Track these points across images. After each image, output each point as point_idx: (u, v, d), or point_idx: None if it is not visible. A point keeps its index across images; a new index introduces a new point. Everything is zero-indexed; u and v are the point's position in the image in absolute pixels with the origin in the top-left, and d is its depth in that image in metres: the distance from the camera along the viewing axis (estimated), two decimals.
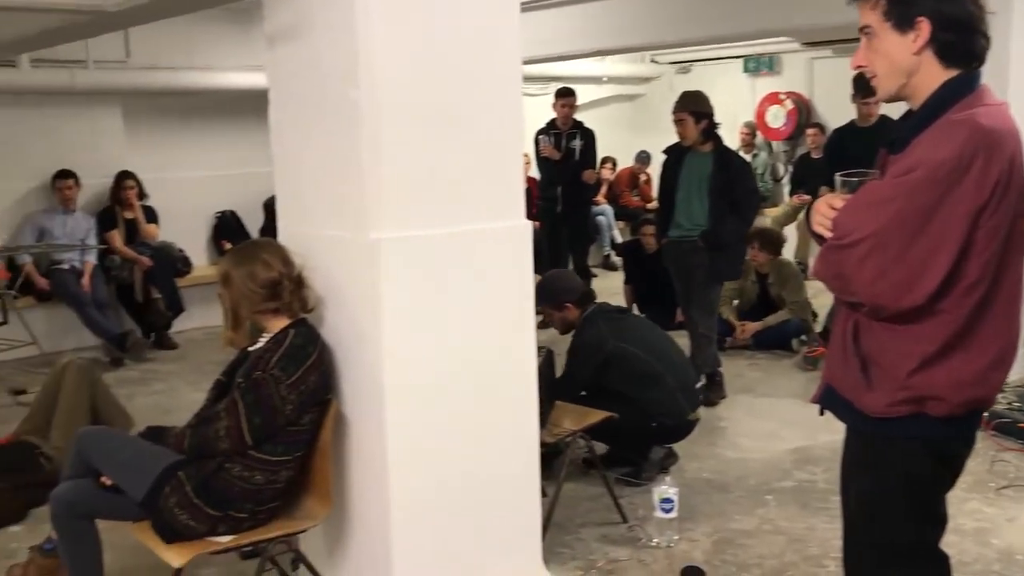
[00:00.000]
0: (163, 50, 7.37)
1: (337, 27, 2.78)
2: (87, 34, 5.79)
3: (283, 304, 2.89)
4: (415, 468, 2.92)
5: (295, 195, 3.16)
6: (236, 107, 8.04)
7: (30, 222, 6.89)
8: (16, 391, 5.78)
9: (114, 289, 7.07)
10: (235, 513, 2.79)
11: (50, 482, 4.02)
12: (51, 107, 7.07)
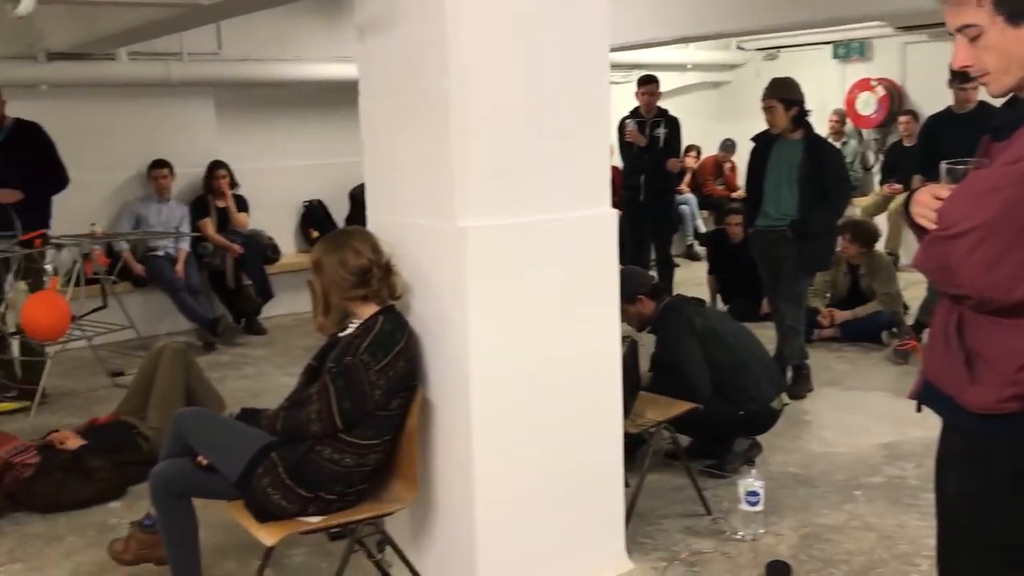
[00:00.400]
0: (254, 42, 7.54)
1: (428, 17, 2.81)
2: (182, 27, 5.99)
3: (372, 291, 2.93)
4: (500, 455, 2.95)
5: (384, 184, 3.20)
6: (324, 98, 8.19)
7: (127, 210, 7.15)
8: (114, 373, 6.01)
9: (206, 275, 7.29)
10: (325, 495, 2.85)
11: (147, 461, 4.20)
12: (147, 98, 7.30)
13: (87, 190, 6.88)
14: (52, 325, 4.91)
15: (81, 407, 5.47)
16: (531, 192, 2.93)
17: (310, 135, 8.28)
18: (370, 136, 3.24)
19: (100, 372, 6.03)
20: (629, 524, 3.44)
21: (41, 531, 3.83)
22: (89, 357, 6.09)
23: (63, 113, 6.51)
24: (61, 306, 4.95)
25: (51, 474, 4.00)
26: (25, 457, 4.03)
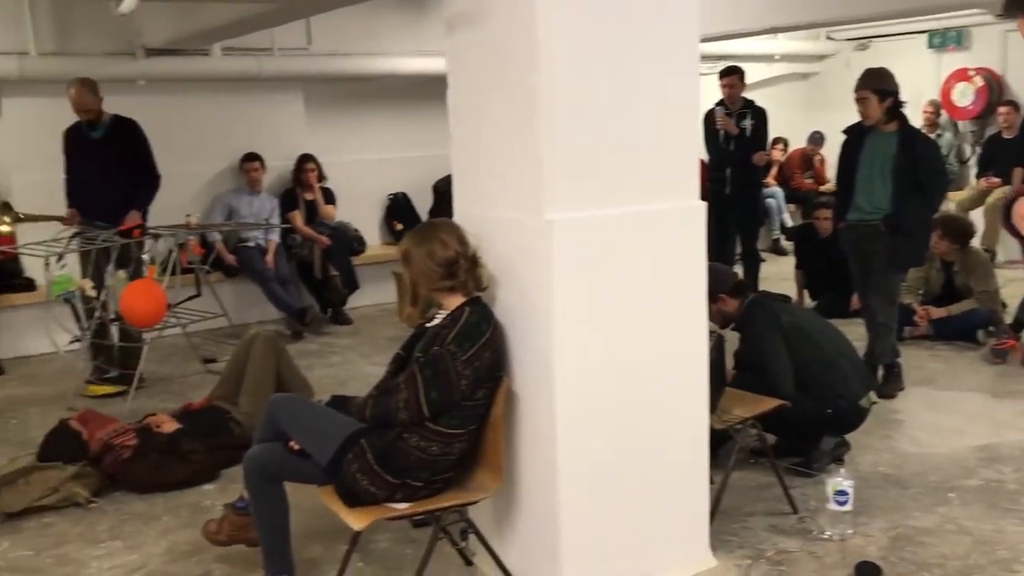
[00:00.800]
0: (342, 37, 7.67)
1: (516, 10, 2.81)
2: (274, 23, 6.13)
3: (458, 282, 2.96)
4: (583, 448, 2.95)
5: (471, 177, 3.22)
6: (409, 92, 8.29)
7: (220, 202, 7.36)
8: (207, 360, 6.20)
9: (295, 266, 7.45)
10: (412, 481, 2.90)
11: (239, 445, 4.33)
12: (239, 93, 7.49)
13: (182, 182, 7.11)
14: (149, 312, 5.09)
15: (175, 392, 5.67)
16: (619, 184, 2.92)
17: (395, 128, 8.40)
18: (458, 129, 3.26)
19: (193, 358, 6.23)
20: (713, 521, 3.41)
21: (139, 511, 3.98)
22: (183, 344, 6.30)
23: (159, 108, 6.74)
24: (158, 294, 5.13)
25: (148, 456, 4.16)
26: (124, 439, 4.19)
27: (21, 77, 6.49)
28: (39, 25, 6.60)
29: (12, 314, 6.44)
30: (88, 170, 5.65)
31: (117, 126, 5.70)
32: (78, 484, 4.01)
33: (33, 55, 6.55)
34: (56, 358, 6.04)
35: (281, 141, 7.62)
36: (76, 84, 5.54)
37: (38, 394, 5.74)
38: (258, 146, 7.41)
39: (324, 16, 6.53)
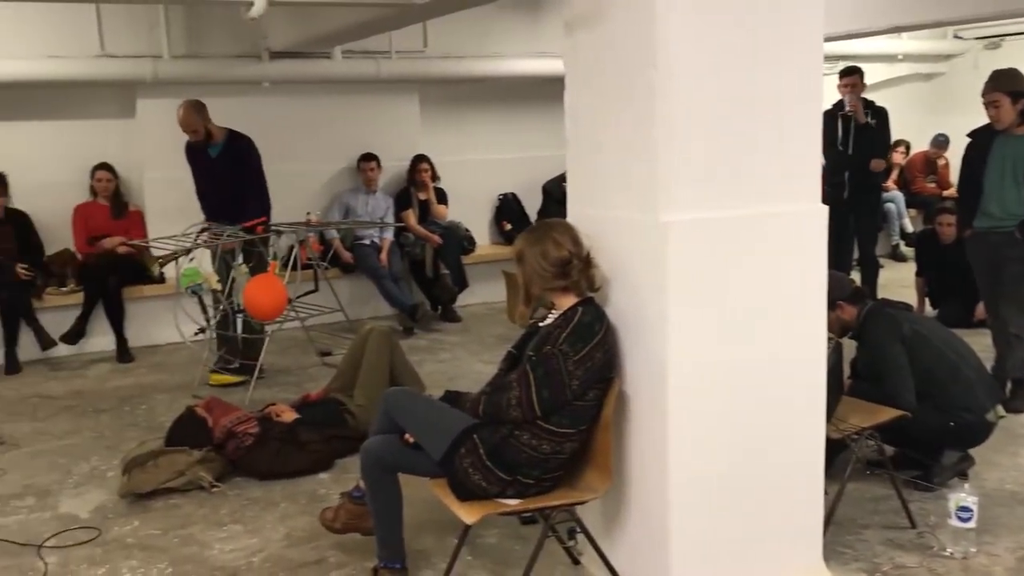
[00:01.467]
0: (457, 40, 7.80)
1: (636, 9, 2.81)
2: (393, 26, 6.27)
3: (571, 283, 2.98)
4: (695, 452, 2.92)
5: (587, 177, 3.23)
6: (521, 93, 8.38)
7: (337, 201, 7.58)
8: (323, 353, 6.40)
9: (407, 264, 7.60)
10: (523, 478, 2.93)
11: (353, 436, 4.47)
12: (358, 95, 7.70)
13: (302, 181, 7.38)
14: (271, 306, 5.28)
15: (293, 383, 5.87)
16: (737, 186, 2.89)
17: (506, 129, 8.50)
18: (574, 129, 3.27)
19: (311, 351, 6.44)
20: (827, 531, 3.33)
21: (258, 496, 4.13)
22: (301, 337, 6.52)
23: (282, 108, 6.99)
24: (279, 289, 5.32)
25: (269, 444, 4.32)
26: (246, 427, 4.36)
27: (155, 79, 6.83)
28: (172, 30, 6.93)
29: (141, 305, 6.78)
30: (209, 184, 5.91)
31: (231, 144, 5.88)
32: (203, 468, 4.19)
33: (166, 58, 6.88)
34: (182, 347, 6.33)
35: (397, 142, 7.80)
36: (184, 105, 5.77)
37: (165, 382, 6.03)
38: (375, 146, 7.60)
39: (440, 19, 6.64)
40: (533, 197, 8.39)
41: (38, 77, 6.58)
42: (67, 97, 6.94)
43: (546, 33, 8.07)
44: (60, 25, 6.64)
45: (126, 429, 5.09)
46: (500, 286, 7.07)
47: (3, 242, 6.48)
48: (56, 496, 4.20)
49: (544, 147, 8.40)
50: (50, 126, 6.98)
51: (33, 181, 6.80)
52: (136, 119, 7.04)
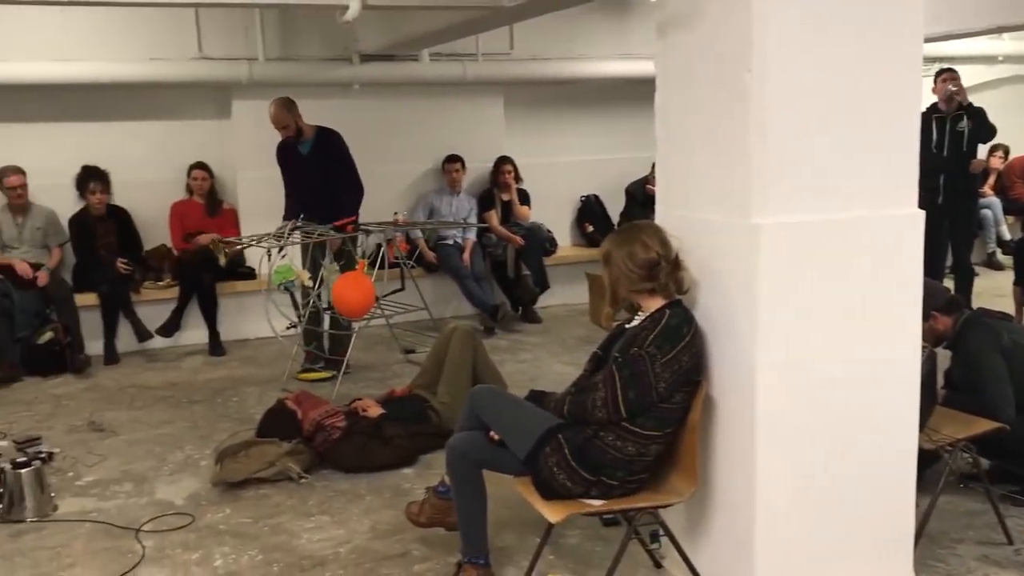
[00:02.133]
0: (543, 42, 7.84)
1: (731, 10, 2.80)
2: (481, 28, 6.33)
3: (659, 285, 2.97)
4: (783, 458, 2.89)
5: (677, 179, 3.22)
6: (605, 95, 8.38)
7: (423, 201, 7.69)
8: (407, 350, 6.50)
9: (489, 264, 7.67)
10: (607, 479, 2.94)
11: (437, 433, 4.53)
12: (444, 97, 7.80)
13: (389, 181, 7.51)
14: (359, 303, 5.39)
15: (378, 379, 5.98)
16: (832, 189, 2.84)
17: (590, 131, 8.51)
18: (664, 131, 3.27)
19: (395, 348, 6.54)
20: (918, 544, 3.24)
21: (345, 489, 4.22)
22: (386, 334, 6.63)
23: (371, 110, 7.12)
24: (367, 287, 5.42)
25: (355, 438, 4.41)
26: (334, 421, 4.46)
27: (250, 81, 7.03)
28: (267, 33, 7.13)
29: (234, 300, 6.99)
30: (300, 182, 6.04)
31: (321, 139, 6.03)
32: (292, 460, 4.30)
33: (261, 61, 7.08)
34: (272, 341, 6.51)
35: (481, 143, 7.88)
36: (275, 102, 5.94)
37: (256, 375, 6.20)
38: (460, 148, 7.69)
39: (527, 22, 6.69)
40: (616, 199, 8.37)
41: (139, 79, 6.85)
42: (166, 98, 7.21)
43: (633, 35, 8.05)
44: (160, 28, 6.89)
45: (218, 420, 5.26)
46: (581, 288, 7.07)
47: (104, 237, 6.77)
48: (152, 482, 4.36)
49: (628, 149, 8.38)
50: (150, 126, 7.25)
51: (133, 179, 7.08)
52: (231, 120, 7.26)
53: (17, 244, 6.61)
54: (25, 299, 6.32)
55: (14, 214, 6.62)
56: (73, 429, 5.14)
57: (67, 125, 6.99)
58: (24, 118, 6.89)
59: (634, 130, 8.28)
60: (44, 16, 6.42)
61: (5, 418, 5.36)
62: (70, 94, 6.89)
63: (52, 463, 4.55)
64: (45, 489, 4.05)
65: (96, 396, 5.80)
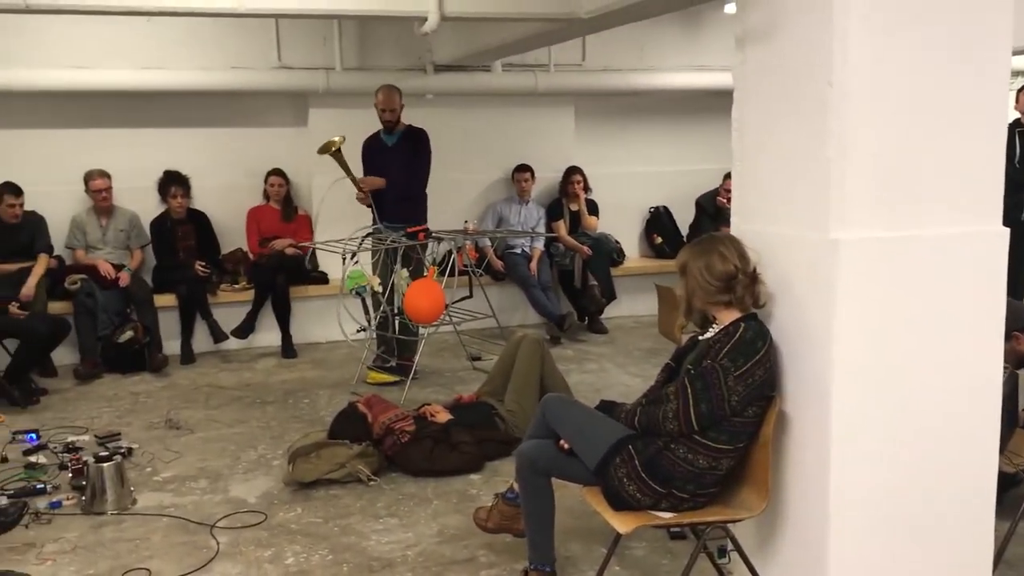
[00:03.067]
0: (615, 53, 7.86)
1: (812, 25, 2.78)
2: (554, 40, 6.38)
3: (735, 298, 2.95)
4: (858, 477, 2.85)
5: (753, 192, 3.20)
6: (676, 106, 8.37)
7: (491, 209, 7.76)
8: (474, 357, 6.56)
9: (556, 274, 7.70)
10: (677, 492, 2.93)
11: (504, 440, 4.57)
12: (515, 107, 7.87)
13: (460, 189, 7.61)
14: (429, 310, 5.46)
15: (444, 384, 6.05)
16: (913, 204, 2.80)
17: (660, 142, 8.50)
18: (741, 143, 3.25)
19: (462, 355, 6.60)
20: (996, 569, 3.17)
21: (412, 492, 4.28)
22: (453, 341, 6.70)
23: (444, 119, 7.21)
24: (438, 293, 5.49)
25: (423, 442, 4.46)
26: (403, 424, 4.52)
27: (327, 90, 7.20)
28: (344, 43, 7.28)
29: (306, 304, 7.14)
30: (379, 173, 6.14)
31: (409, 134, 6.18)
32: (361, 462, 4.38)
33: (338, 70, 7.24)
34: (341, 345, 6.63)
35: (551, 153, 7.92)
36: (384, 87, 6.13)
37: (326, 377, 6.32)
38: (530, 157, 7.74)
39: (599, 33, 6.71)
40: (685, 211, 8.34)
41: (222, 87, 7.06)
42: (246, 106, 7.41)
43: (705, 46, 8.01)
44: (242, 38, 7.10)
45: (290, 421, 5.37)
46: (648, 299, 7.06)
47: (184, 240, 6.98)
48: (227, 480, 4.47)
49: (698, 160, 8.35)
50: (229, 133, 7.46)
51: (212, 184, 7.29)
52: (308, 127, 7.42)
53: (101, 245, 6.85)
54: (107, 299, 6.54)
55: (99, 216, 6.86)
56: (151, 426, 5.30)
57: (151, 131, 7.24)
58: (110, 124, 7.14)
59: (705, 142, 8.25)
60: (131, 26, 6.66)
61: (87, 413, 5.56)
62: (154, 101, 7.13)
63: (131, 458, 4.70)
64: (125, 483, 4.18)
65: (173, 394, 5.98)
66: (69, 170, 6.86)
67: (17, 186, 6.40)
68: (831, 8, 2.69)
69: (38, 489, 4.27)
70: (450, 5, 4.50)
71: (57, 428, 5.19)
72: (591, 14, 4.64)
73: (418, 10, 4.50)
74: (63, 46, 6.70)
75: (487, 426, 4.66)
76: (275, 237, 7.17)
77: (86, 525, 3.96)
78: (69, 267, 6.72)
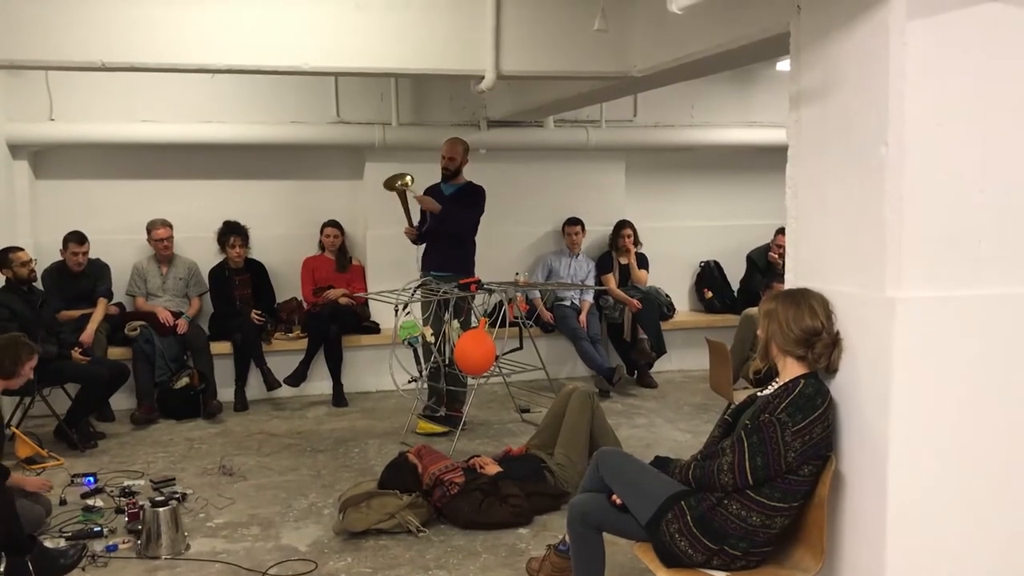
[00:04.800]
0: (666, 109, 7.95)
1: (868, 86, 2.81)
2: (608, 97, 6.47)
3: (813, 355, 2.92)
4: (916, 542, 2.80)
5: (808, 249, 3.21)
6: (727, 162, 8.40)
7: (542, 262, 7.81)
8: (523, 409, 6.56)
9: (606, 327, 7.70)
10: (730, 549, 2.91)
11: (553, 494, 4.55)
12: (567, 161, 7.96)
13: (511, 241, 7.69)
14: (480, 361, 5.49)
15: (493, 436, 6.05)
16: (970, 264, 2.79)
17: (711, 197, 8.52)
18: (795, 201, 3.27)
19: (510, 406, 6.62)
20: None
21: (461, 545, 4.27)
22: (501, 392, 6.72)
23: (497, 173, 7.31)
24: (489, 345, 5.52)
25: (472, 494, 4.46)
26: (453, 476, 4.53)
27: (382, 144, 7.37)
28: (401, 99, 7.46)
29: (357, 353, 7.22)
30: (433, 223, 6.23)
31: (467, 189, 6.28)
32: (411, 513, 4.39)
33: (394, 125, 7.42)
34: (391, 395, 6.69)
35: (601, 207, 7.99)
36: (451, 138, 6.34)
37: (376, 427, 6.37)
38: (580, 211, 7.81)
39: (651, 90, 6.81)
40: (735, 265, 8.32)
41: (281, 140, 7.27)
42: (304, 159, 7.61)
43: (756, 102, 8.06)
44: (302, 94, 7.31)
45: (340, 469, 5.41)
46: (698, 354, 7.03)
47: (241, 289, 7.12)
48: (278, 527, 4.51)
49: (749, 216, 8.35)
50: (287, 185, 7.65)
51: (270, 234, 7.47)
52: (363, 180, 7.58)
53: (160, 293, 7.02)
54: (165, 345, 6.68)
55: (159, 264, 7.05)
56: (204, 471, 5.38)
57: (212, 182, 7.46)
58: (173, 175, 7.38)
59: (756, 197, 8.25)
60: (196, 81, 6.89)
61: (143, 458, 5.66)
62: (216, 153, 7.36)
63: (185, 504, 4.77)
64: (180, 528, 4.24)
65: (226, 441, 6.06)
66: (132, 219, 7.08)
67: (82, 234, 6.61)
68: (887, 68, 2.72)
69: (95, 532, 4.35)
70: (507, 63, 4.60)
71: (114, 472, 5.30)
72: (644, 72, 4.71)
73: (475, 68, 4.61)
74: (130, 101, 6.96)
75: (536, 479, 4.65)
76: (329, 287, 7.29)
77: (141, 569, 4.02)
78: (129, 314, 6.89)
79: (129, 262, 7.06)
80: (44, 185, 7.16)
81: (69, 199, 7.14)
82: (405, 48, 4.49)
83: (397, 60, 4.52)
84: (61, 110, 6.93)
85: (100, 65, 4.21)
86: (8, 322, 5.70)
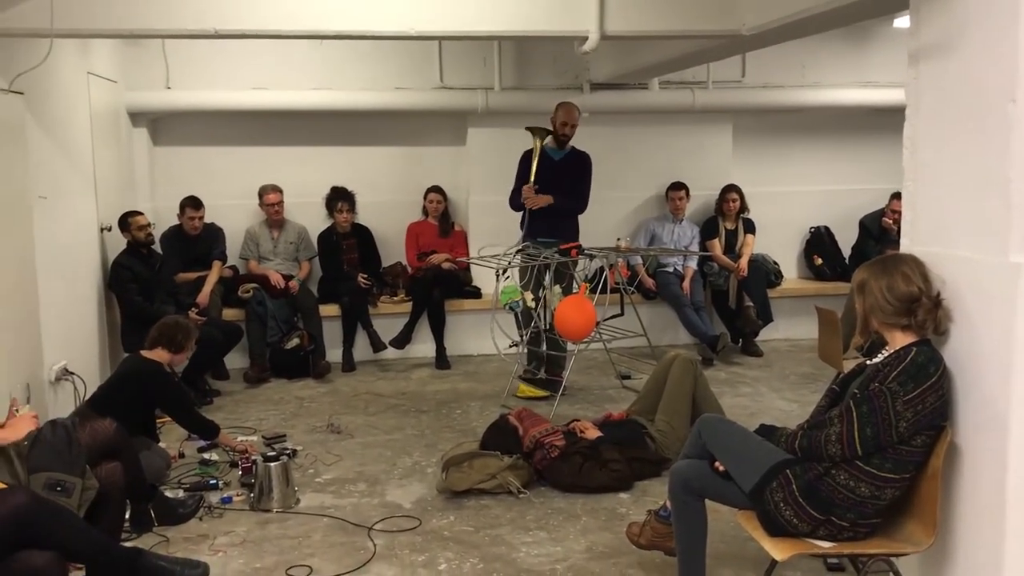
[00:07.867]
0: (776, 69, 7.70)
1: (994, 41, 2.65)
2: (716, 57, 6.32)
3: (916, 322, 2.82)
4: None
5: (926, 213, 3.07)
6: (839, 124, 8.11)
7: (644, 228, 7.72)
8: (623, 376, 6.53)
9: (710, 294, 7.57)
10: (837, 520, 2.84)
11: (653, 460, 4.53)
12: (671, 124, 7.82)
13: (613, 206, 7.62)
14: (580, 326, 5.48)
15: (592, 402, 6.06)
16: None
17: (821, 160, 8.25)
18: (913, 162, 3.12)
19: (610, 372, 6.60)
20: None
21: (561, 507, 4.30)
22: (602, 358, 6.71)
23: (599, 137, 7.24)
24: (589, 310, 5.51)
25: (572, 458, 4.48)
26: (553, 439, 4.56)
27: (485, 109, 7.38)
28: (503, 63, 7.45)
29: (460, 317, 7.30)
30: (542, 183, 6.20)
31: (575, 154, 6.25)
32: (512, 474, 4.44)
33: (497, 90, 7.41)
34: (493, 359, 6.75)
35: (707, 171, 7.83)
36: (566, 103, 6.31)
37: (478, 390, 6.45)
38: (685, 175, 7.67)
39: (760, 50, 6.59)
40: (847, 231, 8.05)
41: (386, 107, 7.36)
42: (408, 125, 7.69)
43: (872, 62, 7.73)
44: (406, 60, 7.39)
45: (443, 430, 5.51)
46: (806, 322, 6.85)
47: (348, 253, 7.28)
48: (383, 485, 4.63)
49: (862, 180, 8.06)
50: (392, 151, 7.76)
51: (376, 200, 7.60)
52: (466, 146, 7.63)
53: (272, 256, 7.24)
54: (277, 307, 6.90)
55: (271, 229, 7.26)
56: (314, 429, 5.55)
57: (319, 149, 7.63)
58: (283, 142, 7.57)
59: (870, 160, 7.95)
60: (304, 48, 7.03)
61: (256, 415, 5.88)
62: (323, 120, 7.51)
63: (296, 459, 4.93)
64: (290, 483, 4.40)
65: (334, 400, 6.24)
66: (245, 185, 7.30)
67: (198, 199, 6.85)
68: (1016, 21, 2.56)
69: (211, 484, 4.55)
70: (611, 24, 4.53)
71: (228, 428, 5.50)
72: (753, 30, 4.56)
73: (579, 30, 4.55)
74: (242, 69, 7.16)
75: (637, 445, 4.64)
76: (432, 252, 7.39)
77: (253, 521, 4.19)
78: (242, 277, 7.14)
79: (242, 226, 7.30)
80: (161, 152, 7.45)
81: (185, 165, 7.42)
82: (508, 11, 4.47)
83: (501, 23, 4.51)
84: (177, 78, 7.18)
85: (213, 32, 4.33)
86: (129, 283, 5.99)
